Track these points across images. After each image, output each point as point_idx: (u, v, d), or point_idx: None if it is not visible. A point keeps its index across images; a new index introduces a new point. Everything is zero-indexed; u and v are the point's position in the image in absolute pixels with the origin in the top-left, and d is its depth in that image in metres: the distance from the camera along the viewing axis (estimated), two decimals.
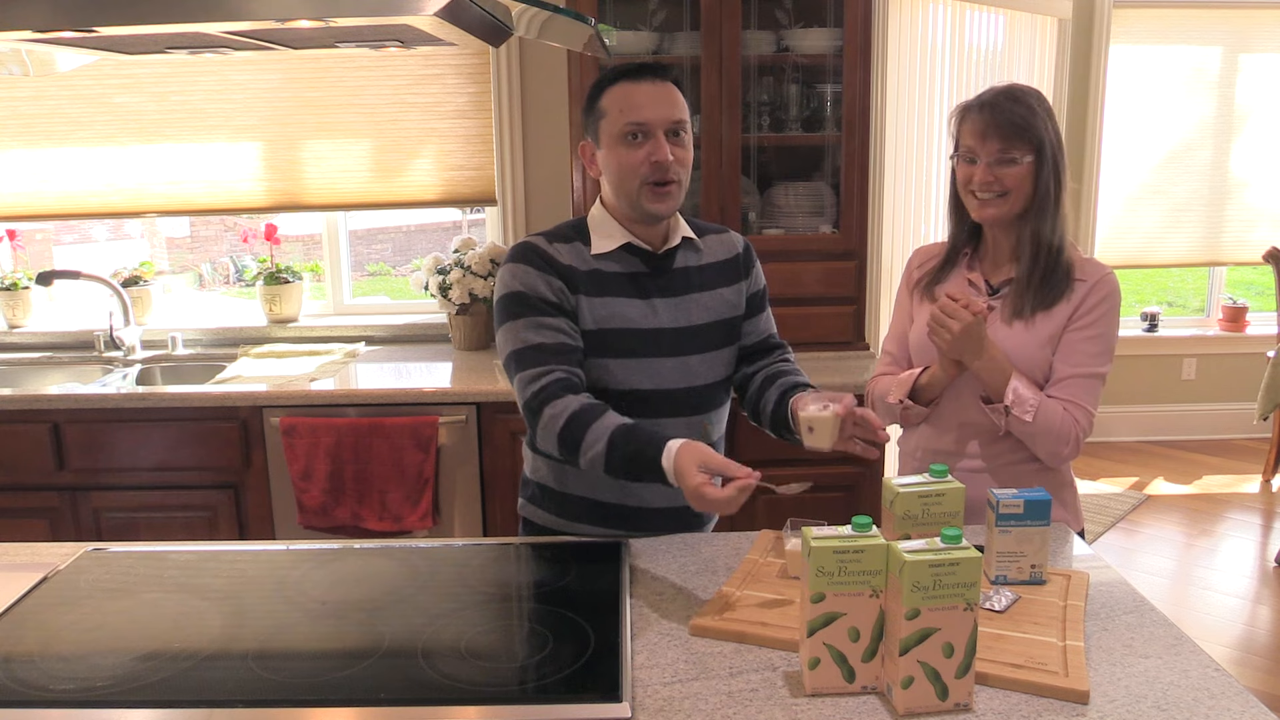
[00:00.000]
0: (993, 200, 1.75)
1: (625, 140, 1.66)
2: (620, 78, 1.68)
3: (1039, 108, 1.75)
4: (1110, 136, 4.99)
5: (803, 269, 2.99)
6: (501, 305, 1.71)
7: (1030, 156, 1.73)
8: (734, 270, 1.85)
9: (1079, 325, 1.76)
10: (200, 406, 2.78)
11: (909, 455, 1.94)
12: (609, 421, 1.57)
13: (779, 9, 3.06)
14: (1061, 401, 1.75)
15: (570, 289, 1.69)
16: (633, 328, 1.71)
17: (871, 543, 1.22)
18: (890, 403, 1.85)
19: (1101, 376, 1.77)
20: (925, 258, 1.95)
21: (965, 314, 1.68)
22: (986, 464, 1.82)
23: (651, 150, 1.65)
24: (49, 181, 3.41)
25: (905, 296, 1.96)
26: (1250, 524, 4.24)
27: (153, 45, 1.45)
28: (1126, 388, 5.28)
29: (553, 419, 1.60)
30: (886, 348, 1.98)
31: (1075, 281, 1.77)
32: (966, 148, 1.77)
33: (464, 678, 1.28)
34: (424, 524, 2.78)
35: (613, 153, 1.68)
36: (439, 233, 7.90)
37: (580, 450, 1.59)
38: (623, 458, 1.54)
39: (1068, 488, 1.86)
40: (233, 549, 1.78)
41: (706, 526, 1.88)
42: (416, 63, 3.32)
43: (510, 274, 1.71)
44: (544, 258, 1.70)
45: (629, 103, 1.66)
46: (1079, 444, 1.75)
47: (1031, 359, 1.76)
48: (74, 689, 1.27)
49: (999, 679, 1.26)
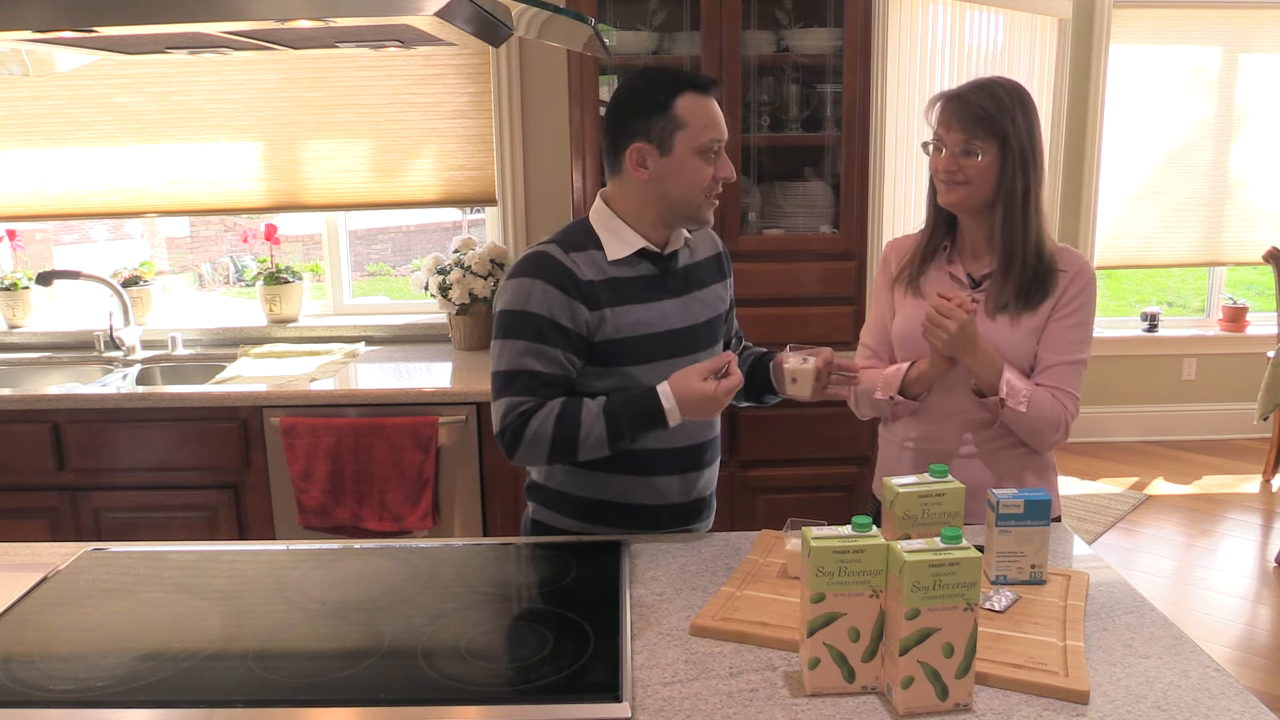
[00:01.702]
0: (956, 186, 1.77)
1: (705, 155, 1.67)
2: (691, 88, 1.67)
3: (1009, 101, 1.73)
4: (1110, 136, 4.99)
5: (802, 269, 2.99)
6: (509, 319, 1.68)
7: (994, 150, 1.73)
8: (720, 266, 1.90)
9: (1062, 315, 1.79)
10: (200, 406, 2.78)
11: (896, 445, 1.94)
12: (593, 405, 1.65)
13: (779, 9, 3.06)
14: (1049, 389, 1.78)
15: (593, 305, 1.68)
16: (652, 332, 1.72)
17: (871, 543, 1.22)
18: (879, 399, 1.86)
19: (1084, 362, 1.82)
20: (900, 250, 1.96)
21: (960, 313, 1.69)
22: (979, 450, 1.85)
23: (721, 168, 1.70)
24: (49, 181, 3.41)
25: (884, 290, 1.96)
26: (1250, 524, 4.24)
27: (153, 45, 1.45)
28: (1126, 388, 5.28)
29: (540, 427, 1.64)
30: (865, 341, 1.99)
31: (1058, 273, 1.80)
32: (935, 135, 1.79)
33: (464, 678, 1.28)
34: (424, 524, 2.78)
35: (687, 164, 1.67)
36: (439, 233, 7.89)
37: (579, 441, 1.64)
38: (625, 422, 1.63)
39: (1051, 470, 1.91)
40: (233, 549, 1.78)
41: (706, 522, 1.90)
42: (416, 63, 3.32)
43: (528, 290, 1.67)
44: (568, 276, 1.67)
45: (711, 119, 1.67)
46: (1068, 429, 1.80)
47: (1018, 349, 1.79)
48: (74, 689, 1.27)
49: (999, 679, 1.26)
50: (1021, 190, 1.74)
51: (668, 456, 1.77)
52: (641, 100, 1.68)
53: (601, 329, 1.69)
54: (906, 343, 1.87)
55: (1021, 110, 1.74)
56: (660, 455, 1.76)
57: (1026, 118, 1.74)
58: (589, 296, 1.68)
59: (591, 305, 1.68)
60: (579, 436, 1.63)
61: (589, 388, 1.72)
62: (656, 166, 1.68)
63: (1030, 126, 1.75)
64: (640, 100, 1.68)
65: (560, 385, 1.68)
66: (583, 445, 1.64)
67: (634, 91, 1.70)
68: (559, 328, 1.66)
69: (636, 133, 1.68)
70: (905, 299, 1.90)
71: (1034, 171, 1.75)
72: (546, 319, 1.65)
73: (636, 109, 1.68)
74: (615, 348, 1.70)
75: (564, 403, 1.65)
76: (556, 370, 1.67)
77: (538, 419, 1.64)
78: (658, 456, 1.75)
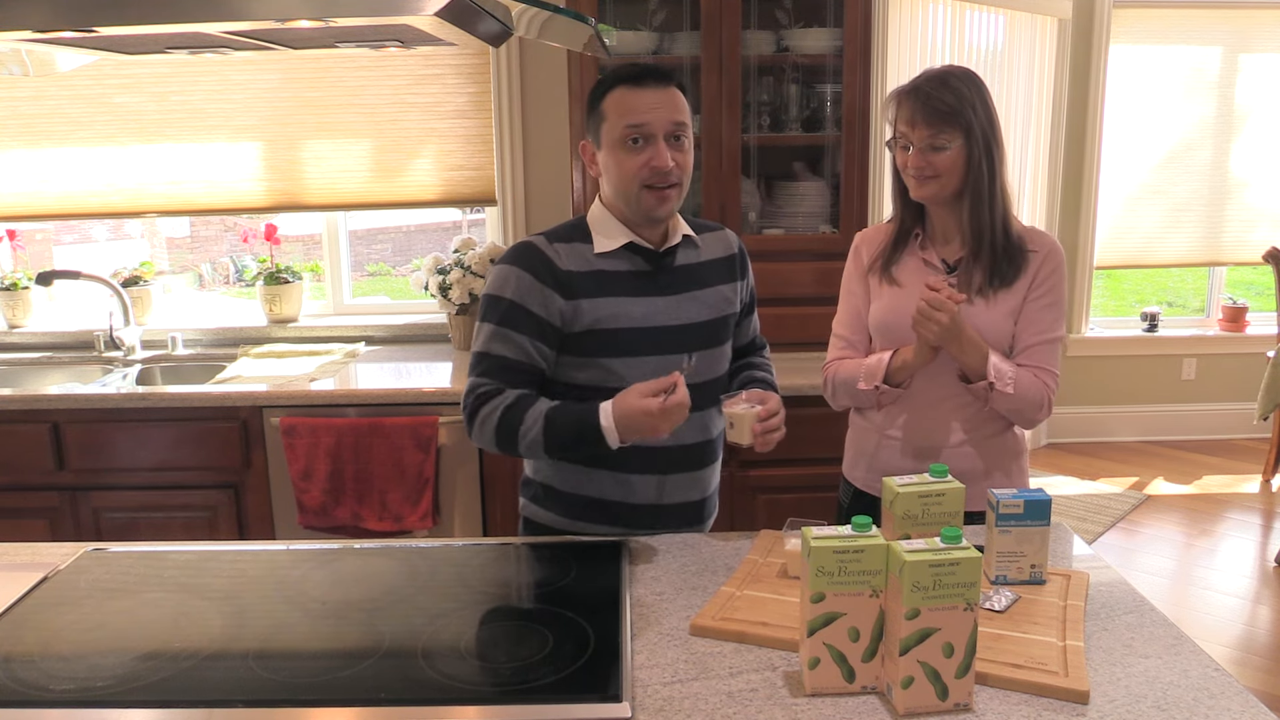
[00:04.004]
0: (927, 181, 1.80)
1: (625, 145, 1.67)
2: (621, 81, 1.68)
3: (968, 91, 1.78)
4: (1110, 136, 4.99)
5: (802, 269, 2.99)
6: (486, 302, 1.73)
7: (959, 140, 1.77)
8: (731, 268, 1.88)
9: (1037, 295, 1.84)
10: (200, 406, 2.78)
11: (875, 433, 1.95)
12: (542, 405, 1.65)
13: (779, 9, 3.06)
14: (1031, 369, 1.83)
15: (568, 295, 1.69)
16: (635, 326, 1.72)
17: (871, 543, 1.22)
18: (863, 389, 1.87)
19: (1061, 340, 1.87)
20: (871, 240, 1.98)
21: (951, 305, 1.71)
22: (968, 436, 1.88)
23: (652, 155, 1.66)
24: (49, 181, 3.41)
25: (857, 280, 1.98)
26: (1250, 524, 4.24)
27: (153, 45, 1.45)
28: (1126, 388, 5.28)
29: (489, 413, 1.66)
30: (839, 331, 2.00)
31: (1029, 253, 1.84)
32: (900, 134, 1.82)
33: (464, 678, 1.28)
34: (424, 524, 2.78)
35: (612, 156, 1.69)
36: (439, 233, 7.89)
37: (519, 436, 1.65)
38: (561, 430, 1.62)
39: (1025, 454, 1.97)
40: (233, 549, 1.78)
41: (706, 522, 1.89)
42: (416, 63, 3.32)
43: (505, 277, 1.71)
44: (546, 265, 1.70)
45: (629, 107, 1.66)
46: (1051, 406, 1.85)
47: (998, 330, 1.82)
48: (74, 689, 1.27)
49: (999, 679, 1.26)
50: (987, 175, 1.79)
51: (640, 455, 1.74)
52: (588, 99, 1.74)
53: (577, 319, 1.70)
54: (887, 331, 1.89)
55: (979, 97, 1.79)
56: (632, 454, 1.71)
57: (984, 104, 1.79)
58: (565, 286, 1.69)
59: (567, 295, 1.69)
60: (519, 432, 1.65)
61: (569, 378, 1.73)
62: (600, 163, 1.73)
63: (989, 113, 1.80)
64: (588, 99, 1.74)
65: (524, 373, 1.70)
66: (521, 441, 1.65)
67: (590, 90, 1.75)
68: (530, 315, 1.68)
69: (586, 131, 1.75)
70: (882, 288, 1.92)
71: (997, 155, 1.80)
72: (518, 305, 1.68)
73: (586, 108, 1.74)
74: (593, 339, 1.70)
75: (519, 395, 1.67)
76: (521, 358, 1.69)
77: (490, 405, 1.67)
78: (629, 454, 1.70)
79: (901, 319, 1.81)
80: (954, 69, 1.81)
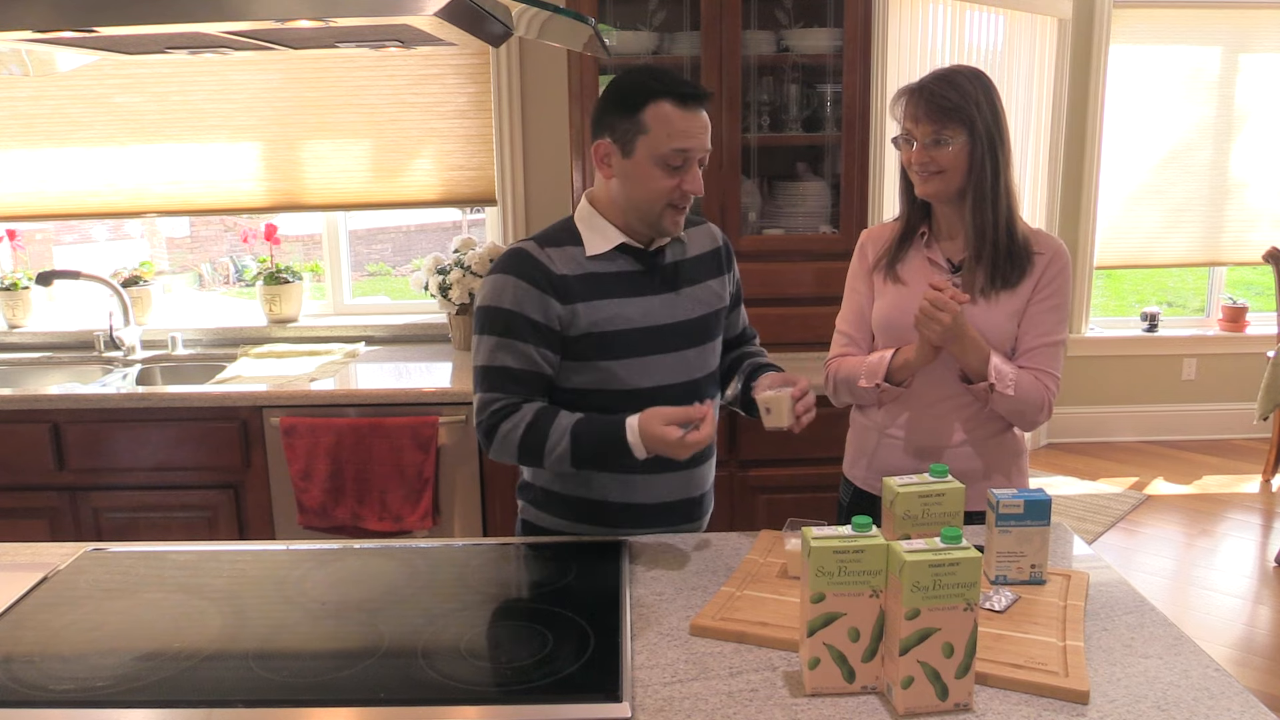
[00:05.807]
0: (931, 177, 1.80)
1: (665, 165, 1.65)
2: (668, 95, 1.63)
3: (972, 88, 1.77)
4: (1110, 137, 4.99)
5: (802, 269, 2.99)
6: (484, 315, 1.70)
7: (963, 137, 1.77)
8: (717, 262, 1.88)
9: (1041, 297, 1.83)
10: (200, 406, 2.78)
11: (875, 432, 1.95)
12: (566, 420, 1.64)
13: (779, 9, 3.06)
14: (1032, 371, 1.83)
15: (564, 299, 1.68)
16: (633, 327, 1.72)
17: (871, 543, 1.22)
18: (864, 387, 1.87)
19: (1063, 342, 1.86)
20: (877, 238, 1.97)
21: (954, 305, 1.71)
22: (968, 435, 1.88)
23: (687, 180, 1.66)
24: (49, 181, 3.41)
25: (861, 278, 1.98)
26: (1250, 524, 4.24)
27: (153, 45, 1.45)
28: (1126, 388, 5.28)
29: (510, 430, 1.66)
30: (841, 329, 2.00)
31: (1035, 255, 1.84)
32: (904, 131, 1.82)
33: (464, 678, 1.28)
34: (424, 524, 2.78)
35: (645, 170, 1.66)
36: (439, 233, 7.89)
37: (544, 452, 1.65)
38: (588, 446, 1.62)
39: (1025, 455, 1.97)
40: (233, 549, 1.78)
41: (704, 519, 1.89)
42: (416, 63, 3.32)
43: (500, 286, 1.69)
44: (540, 271, 1.68)
45: (680, 130, 1.63)
46: (1051, 408, 1.85)
47: (1000, 331, 1.82)
48: (74, 689, 1.27)
49: (999, 679, 1.26)
50: (990, 173, 1.78)
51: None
52: (618, 98, 1.68)
53: (575, 323, 1.69)
54: (889, 330, 1.89)
55: (985, 95, 1.78)
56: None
57: (990, 102, 1.79)
58: (561, 291, 1.68)
59: (564, 299, 1.68)
60: (545, 447, 1.65)
61: (569, 382, 1.73)
62: (619, 166, 1.69)
63: (994, 110, 1.79)
64: (616, 98, 1.68)
65: (533, 381, 1.69)
66: (548, 456, 1.66)
67: (616, 87, 1.69)
68: (531, 323, 1.67)
69: (605, 129, 1.69)
70: (885, 286, 1.92)
71: (1002, 154, 1.79)
72: (518, 315, 1.67)
73: (611, 105, 1.68)
74: (591, 342, 1.70)
75: (539, 410, 1.66)
76: (529, 366, 1.68)
77: (510, 422, 1.67)
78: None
79: (905, 317, 1.81)
80: (962, 68, 1.81)
